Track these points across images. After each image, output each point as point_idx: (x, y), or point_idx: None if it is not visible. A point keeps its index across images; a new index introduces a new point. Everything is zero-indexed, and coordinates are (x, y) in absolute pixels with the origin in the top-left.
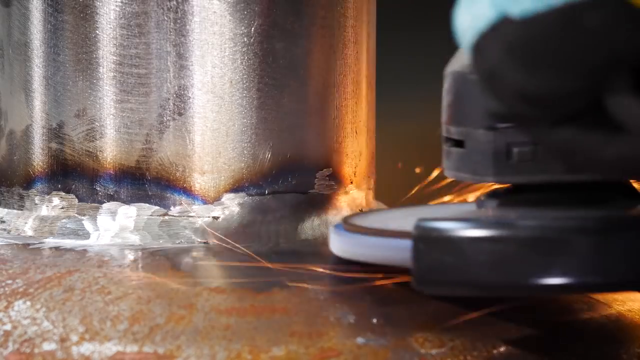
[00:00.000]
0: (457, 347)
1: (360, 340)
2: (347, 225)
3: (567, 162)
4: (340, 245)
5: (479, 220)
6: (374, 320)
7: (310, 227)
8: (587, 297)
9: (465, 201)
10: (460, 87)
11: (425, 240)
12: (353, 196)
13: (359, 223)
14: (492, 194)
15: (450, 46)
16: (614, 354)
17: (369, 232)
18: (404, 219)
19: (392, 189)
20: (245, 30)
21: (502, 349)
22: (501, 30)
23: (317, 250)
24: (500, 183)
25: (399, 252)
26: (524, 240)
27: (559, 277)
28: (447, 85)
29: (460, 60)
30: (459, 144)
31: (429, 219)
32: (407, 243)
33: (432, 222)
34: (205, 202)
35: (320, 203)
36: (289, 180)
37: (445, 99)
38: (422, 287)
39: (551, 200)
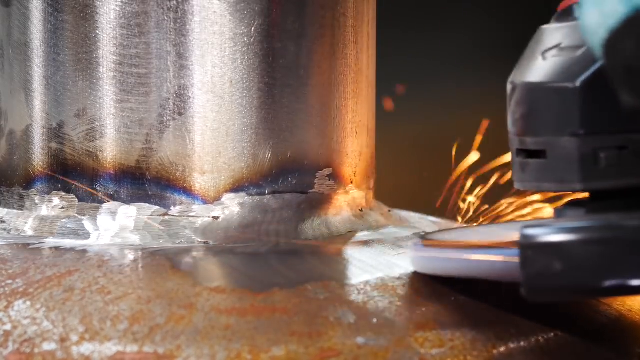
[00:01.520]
0: (457, 347)
1: (360, 340)
2: (433, 241)
3: None
4: (429, 262)
5: (585, 224)
6: (374, 320)
7: (310, 227)
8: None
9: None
10: (538, 97)
11: (534, 247)
12: (353, 196)
13: (445, 238)
14: (573, 204)
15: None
16: (614, 354)
17: (448, 246)
18: (481, 235)
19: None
20: (245, 30)
21: (502, 349)
22: (638, 24)
23: (318, 249)
24: (587, 190)
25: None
26: (635, 240)
27: None
28: (518, 96)
29: (529, 71)
30: (537, 154)
31: (534, 226)
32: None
33: (539, 228)
34: (205, 202)
35: (321, 203)
36: (289, 180)
37: (517, 110)
38: (532, 296)
39: (639, 205)
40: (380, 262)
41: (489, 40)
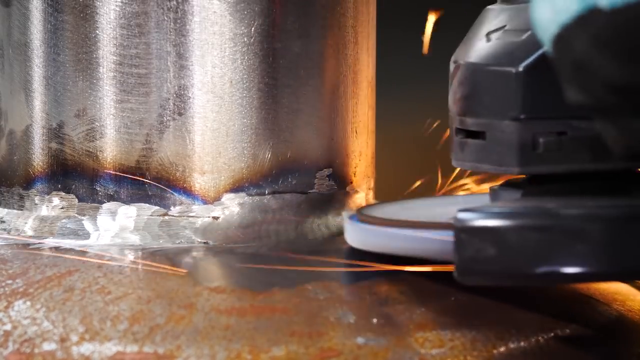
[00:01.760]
0: (457, 347)
1: (360, 340)
2: (367, 216)
3: (600, 150)
4: (361, 237)
5: (522, 210)
6: (374, 320)
7: (310, 227)
8: (586, 297)
9: (470, 193)
10: (480, 79)
11: (468, 231)
12: (353, 196)
13: (378, 214)
14: (508, 185)
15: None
16: (614, 354)
17: (394, 224)
18: (419, 210)
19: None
20: (245, 30)
21: (502, 349)
22: (589, 22)
23: (318, 249)
24: (525, 173)
25: (427, 243)
26: (571, 229)
27: (604, 265)
28: (461, 76)
29: (472, 51)
30: (476, 135)
31: (469, 210)
32: (432, 234)
33: (474, 212)
34: (205, 202)
35: (320, 203)
36: (289, 180)
37: (459, 90)
38: (464, 279)
39: (576, 190)
40: (380, 262)
41: None
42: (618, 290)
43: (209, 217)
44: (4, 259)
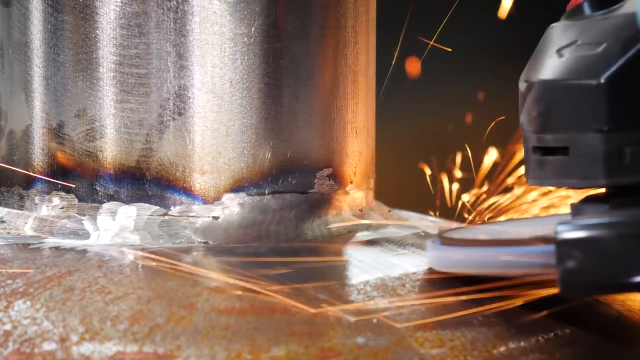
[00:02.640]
0: (457, 347)
1: (360, 340)
2: (452, 239)
3: None
4: (453, 260)
5: (621, 220)
6: (374, 320)
7: (310, 227)
8: (586, 298)
9: (535, 216)
10: (558, 95)
11: (570, 243)
12: (353, 196)
13: (461, 236)
14: (591, 200)
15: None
16: (614, 354)
17: (484, 244)
18: (498, 232)
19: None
20: (245, 30)
21: (502, 349)
22: None
23: (318, 249)
24: (612, 185)
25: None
26: None
27: None
28: (536, 94)
29: (545, 68)
30: (557, 151)
31: (569, 222)
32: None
33: (574, 225)
34: (205, 202)
35: (321, 203)
36: (289, 180)
37: (535, 108)
38: (568, 292)
39: None
40: (380, 262)
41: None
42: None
43: (209, 217)
44: (4, 259)
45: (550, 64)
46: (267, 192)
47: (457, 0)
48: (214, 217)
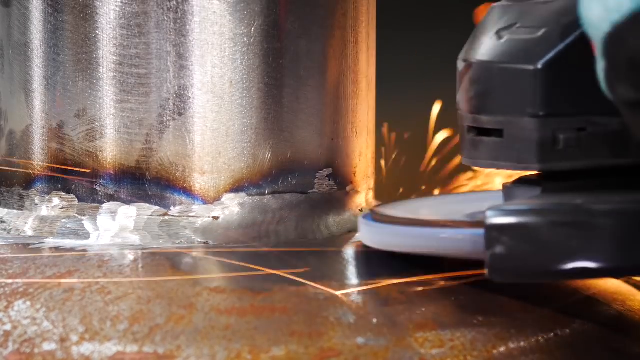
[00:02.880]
0: (457, 347)
1: (360, 340)
2: (384, 216)
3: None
4: (382, 237)
5: (552, 207)
6: (374, 320)
7: (310, 227)
8: (586, 297)
9: (479, 190)
10: (495, 77)
11: (499, 228)
12: (353, 196)
13: (393, 214)
14: (523, 182)
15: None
16: (614, 354)
17: (411, 223)
18: (431, 209)
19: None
20: (245, 30)
21: (502, 349)
22: None
23: (318, 249)
24: (545, 170)
25: (451, 242)
26: (602, 224)
27: (636, 259)
28: (474, 75)
29: (484, 50)
30: (492, 133)
31: (499, 207)
32: (452, 232)
33: (504, 210)
34: (205, 202)
35: (320, 203)
36: (289, 180)
37: (472, 89)
38: (497, 277)
39: (596, 187)
40: (380, 262)
41: None
42: (618, 290)
43: (209, 217)
44: (4, 259)
45: (489, 45)
46: (267, 192)
47: None
48: (214, 217)
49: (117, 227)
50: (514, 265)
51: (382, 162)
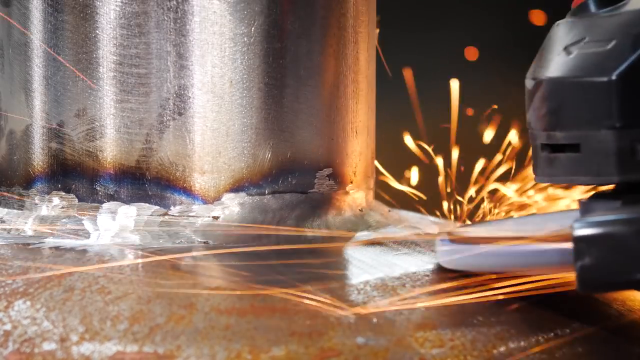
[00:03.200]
0: (457, 347)
1: (360, 340)
2: (462, 237)
3: None
4: (465, 258)
5: (636, 216)
6: (374, 320)
7: (310, 227)
8: (587, 297)
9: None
10: (568, 92)
11: (587, 240)
12: (353, 196)
13: (472, 234)
14: (600, 197)
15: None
16: (614, 354)
17: (491, 241)
18: (504, 230)
19: None
20: (245, 30)
21: (502, 349)
22: None
23: (318, 249)
24: (625, 181)
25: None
26: None
27: None
28: (545, 92)
29: (554, 66)
30: (567, 148)
31: (585, 219)
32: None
33: (591, 221)
34: (205, 201)
35: (321, 203)
36: (289, 180)
37: (544, 106)
38: (587, 288)
39: None
40: (380, 262)
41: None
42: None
43: (209, 216)
44: (4, 259)
45: (559, 62)
46: (267, 192)
47: None
48: (214, 217)
49: (117, 226)
50: (603, 275)
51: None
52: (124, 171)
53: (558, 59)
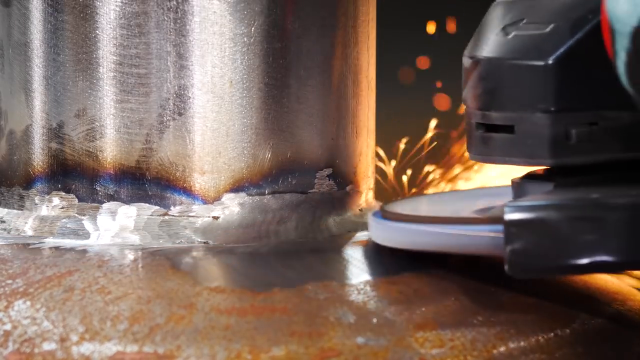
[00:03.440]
0: (457, 347)
1: (360, 340)
2: (396, 214)
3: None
4: (394, 235)
5: (571, 202)
6: (374, 320)
7: (310, 227)
8: (586, 297)
9: (484, 187)
10: (505, 73)
11: (519, 224)
12: (353, 196)
13: (405, 211)
14: (533, 178)
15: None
16: (614, 354)
17: (425, 220)
18: (440, 205)
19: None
20: (245, 30)
21: (502, 349)
22: None
23: (318, 249)
24: (558, 165)
25: (469, 239)
26: (621, 218)
27: None
28: (482, 71)
29: (491, 46)
30: (502, 129)
31: (517, 203)
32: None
33: (522, 206)
34: (205, 202)
35: (321, 203)
36: (289, 180)
37: (480, 85)
38: (517, 272)
39: (609, 181)
40: (380, 262)
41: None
42: (618, 290)
43: (209, 217)
44: (4, 259)
45: (497, 42)
46: (267, 192)
47: None
48: (214, 217)
49: (117, 226)
50: (534, 260)
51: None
52: (124, 171)
53: (496, 38)
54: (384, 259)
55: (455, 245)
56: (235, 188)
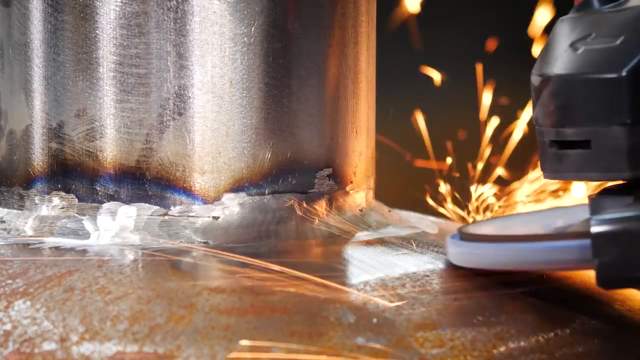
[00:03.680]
0: (457, 347)
1: (360, 340)
2: (478, 235)
3: None
4: (480, 256)
5: None
6: (374, 320)
7: (310, 227)
8: (586, 298)
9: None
10: (578, 89)
11: (607, 237)
12: (353, 196)
13: (485, 232)
14: (608, 193)
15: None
16: (614, 354)
17: (509, 239)
18: (521, 225)
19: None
20: (245, 30)
21: (502, 349)
22: None
23: (317, 249)
24: (636, 177)
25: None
26: None
27: None
28: (554, 88)
29: (561, 63)
30: (576, 145)
31: (603, 216)
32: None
33: (609, 219)
34: (205, 202)
35: (321, 203)
36: (289, 180)
37: (552, 102)
38: (606, 285)
39: None
40: (380, 262)
41: (485, 39)
42: (618, 290)
43: (209, 216)
44: (4, 259)
45: (566, 58)
46: (267, 192)
47: None
48: (214, 217)
49: (117, 227)
50: (623, 271)
51: None
52: (124, 171)
53: (565, 55)
54: (384, 259)
55: (542, 261)
56: (235, 188)
